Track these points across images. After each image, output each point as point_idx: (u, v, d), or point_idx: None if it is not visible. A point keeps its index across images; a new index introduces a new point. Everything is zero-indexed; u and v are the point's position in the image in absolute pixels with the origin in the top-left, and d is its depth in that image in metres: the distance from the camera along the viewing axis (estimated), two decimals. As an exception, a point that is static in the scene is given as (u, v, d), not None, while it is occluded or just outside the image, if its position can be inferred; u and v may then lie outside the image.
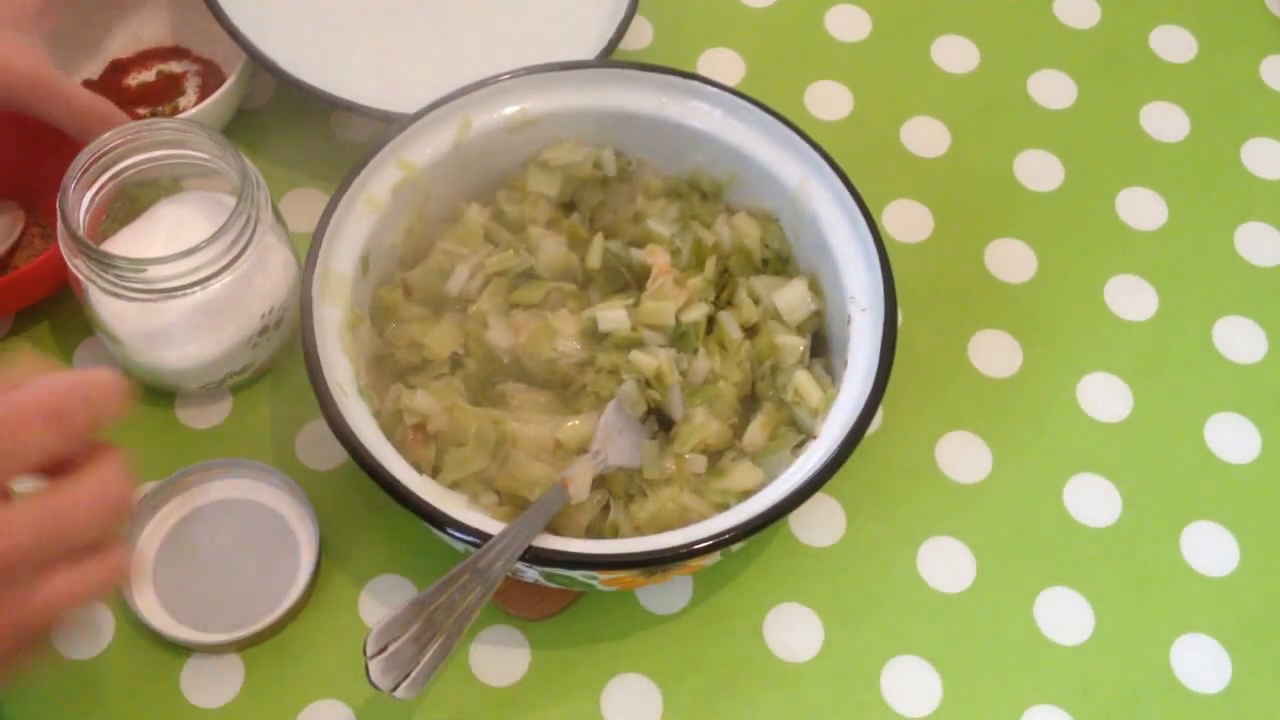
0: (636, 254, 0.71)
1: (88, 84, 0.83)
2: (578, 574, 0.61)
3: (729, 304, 0.71)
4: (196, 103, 0.80)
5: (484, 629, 0.68)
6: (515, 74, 0.70)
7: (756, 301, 0.70)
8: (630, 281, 0.71)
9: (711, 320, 0.70)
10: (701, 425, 0.67)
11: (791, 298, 0.69)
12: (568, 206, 0.74)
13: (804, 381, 0.67)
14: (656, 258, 0.70)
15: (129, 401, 0.49)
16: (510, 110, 0.71)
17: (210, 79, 0.83)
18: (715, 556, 0.62)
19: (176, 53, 0.84)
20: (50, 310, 0.75)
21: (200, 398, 0.73)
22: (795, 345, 0.68)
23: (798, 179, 0.69)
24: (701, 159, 0.72)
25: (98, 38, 0.84)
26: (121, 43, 0.84)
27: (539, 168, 0.73)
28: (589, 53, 0.81)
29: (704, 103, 0.71)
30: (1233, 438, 0.75)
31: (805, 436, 0.66)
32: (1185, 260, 0.82)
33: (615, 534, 0.65)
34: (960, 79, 0.89)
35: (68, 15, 0.79)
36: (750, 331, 0.70)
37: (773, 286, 0.70)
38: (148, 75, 0.83)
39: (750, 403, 0.69)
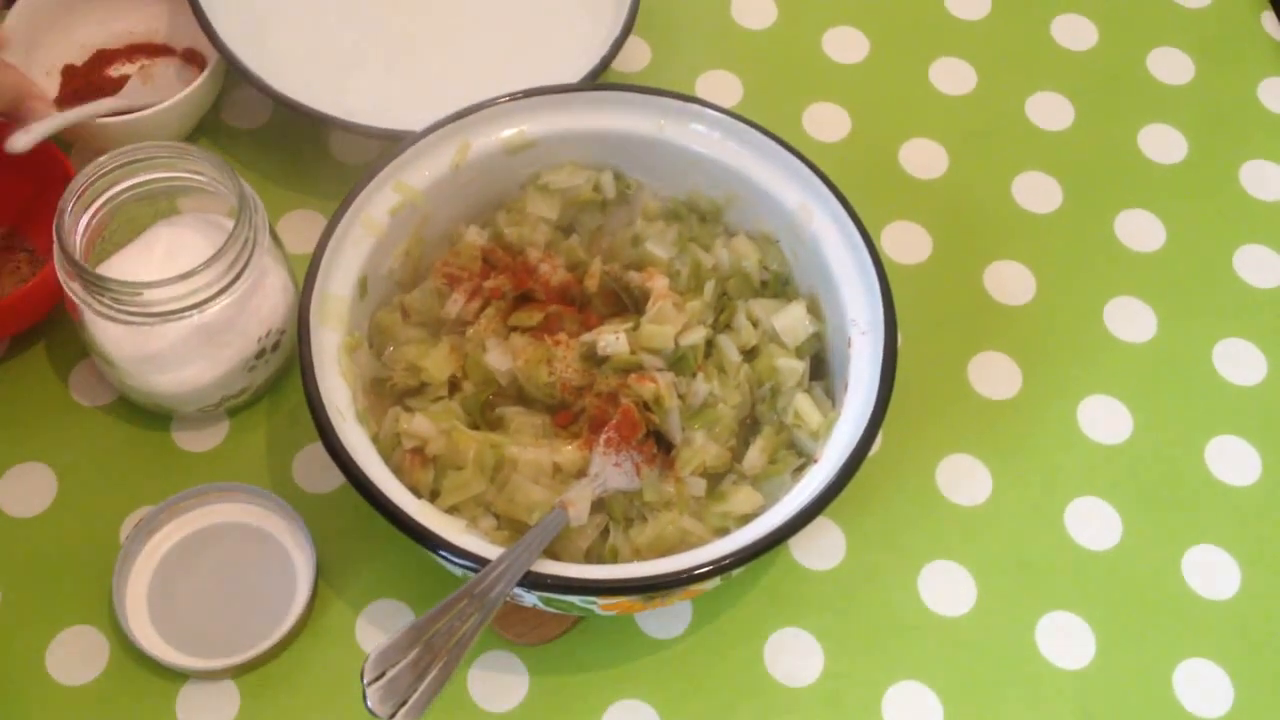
0: (635, 277, 0.70)
1: (69, 70, 0.83)
2: (576, 599, 0.61)
3: (728, 327, 0.70)
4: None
5: (482, 654, 0.67)
6: (514, 96, 0.70)
7: (755, 324, 0.70)
8: (629, 304, 0.71)
9: (710, 343, 0.70)
10: (701, 448, 0.67)
11: (790, 320, 0.69)
12: (566, 229, 0.74)
13: (804, 404, 0.67)
14: (655, 282, 0.69)
15: None
16: (509, 133, 0.71)
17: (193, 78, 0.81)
18: (715, 581, 0.62)
19: (164, 50, 0.84)
20: (46, 333, 0.75)
21: (197, 421, 0.73)
22: (795, 368, 0.68)
23: (796, 201, 0.69)
24: (700, 181, 0.72)
25: (88, 26, 0.83)
26: (112, 33, 0.84)
27: (538, 190, 0.72)
28: (584, 72, 0.80)
29: (702, 125, 0.71)
30: (1233, 460, 0.75)
31: (806, 460, 0.65)
32: (1184, 282, 0.82)
33: (615, 558, 0.64)
34: (958, 101, 0.89)
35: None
36: (749, 354, 0.69)
37: (772, 309, 0.70)
38: (130, 68, 0.83)
39: (750, 426, 0.69)
